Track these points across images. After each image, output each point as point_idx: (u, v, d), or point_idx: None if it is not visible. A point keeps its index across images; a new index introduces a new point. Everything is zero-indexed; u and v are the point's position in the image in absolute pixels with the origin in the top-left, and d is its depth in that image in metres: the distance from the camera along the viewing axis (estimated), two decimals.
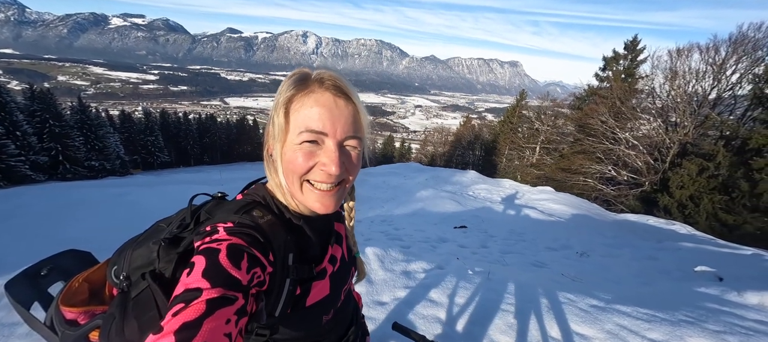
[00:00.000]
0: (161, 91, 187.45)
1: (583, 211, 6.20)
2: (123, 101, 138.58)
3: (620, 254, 3.32)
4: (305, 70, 0.53)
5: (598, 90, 17.55)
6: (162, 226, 0.59)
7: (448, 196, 7.34)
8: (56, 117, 21.77)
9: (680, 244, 3.58)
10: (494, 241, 3.90)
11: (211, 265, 0.42)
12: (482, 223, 4.88)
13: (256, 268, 0.46)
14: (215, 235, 0.47)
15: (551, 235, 4.11)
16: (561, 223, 5.02)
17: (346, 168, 0.52)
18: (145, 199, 9.33)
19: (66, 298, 0.58)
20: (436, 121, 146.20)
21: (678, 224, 5.77)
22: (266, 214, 0.54)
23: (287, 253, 0.53)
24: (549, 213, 5.75)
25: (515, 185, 9.96)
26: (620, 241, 3.87)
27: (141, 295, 0.50)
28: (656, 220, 6.05)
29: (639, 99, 14.79)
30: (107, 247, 0.78)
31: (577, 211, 6.13)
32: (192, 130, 37.11)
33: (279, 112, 0.51)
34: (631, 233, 4.40)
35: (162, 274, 0.51)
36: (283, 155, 0.52)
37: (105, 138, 25.11)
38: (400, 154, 42.74)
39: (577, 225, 4.87)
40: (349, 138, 0.52)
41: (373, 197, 8.12)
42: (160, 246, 0.52)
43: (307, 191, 0.53)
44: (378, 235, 4.00)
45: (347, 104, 0.51)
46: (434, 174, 12.50)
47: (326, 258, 0.62)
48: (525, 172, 21.09)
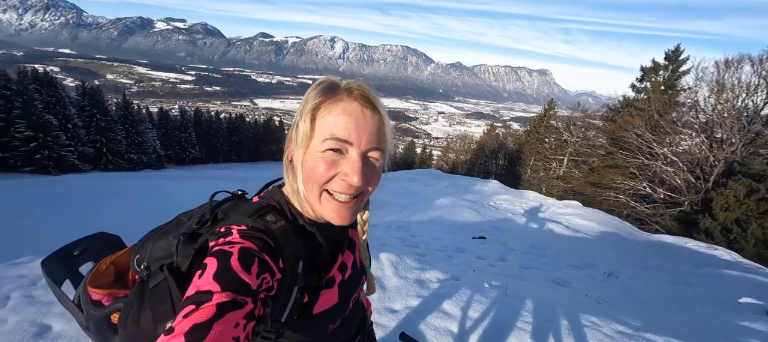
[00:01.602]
0: (197, 90, 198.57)
1: (613, 228, 5.85)
2: (162, 99, 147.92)
3: (651, 277, 3.08)
4: (333, 78, 0.54)
5: (634, 101, 16.63)
6: (183, 220, 0.60)
7: (468, 205, 7.19)
8: (103, 112, 23.61)
9: (722, 271, 3.26)
10: (513, 254, 3.76)
11: (222, 268, 0.43)
12: (502, 235, 4.73)
13: (266, 273, 0.47)
14: (229, 237, 0.48)
15: (575, 251, 3.90)
16: (587, 239, 4.76)
17: (368, 180, 0.52)
18: (175, 191, 9.93)
19: (93, 279, 0.62)
20: (459, 129, 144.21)
21: (721, 249, 5.29)
22: (280, 219, 0.54)
23: (297, 260, 0.53)
24: (575, 228, 5.47)
25: (539, 197, 9.58)
26: (652, 263, 3.59)
27: (158, 287, 0.52)
28: (696, 244, 5.59)
29: (680, 112, 13.81)
30: (134, 234, 0.83)
31: (606, 228, 5.79)
32: (222, 128, 38.90)
33: (305, 118, 0.51)
34: (665, 255, 4.08)
35: (179, 267, 0.52)
36: (305, 162, 0.52)
37: (144, 133, 26.89)
38: (421, 160, 42.45)
39: (604, 243, 4.59)
40: (373, 149, 0.52)
41: (391, 202, 8.10)
42: (179, 240, 0.53)
43: (325, 201, 0.52)
44: (394, 241, 3.98)
45: (374, 115, 0.51)
46: (454, 182, 12.30)
47: (336, 266, 0.61)
48: (551, 184, 20.25)
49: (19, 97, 18.02)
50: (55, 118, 19.82)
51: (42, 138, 18.14)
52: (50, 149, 18.54)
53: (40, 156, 18.20)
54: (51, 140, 18.56)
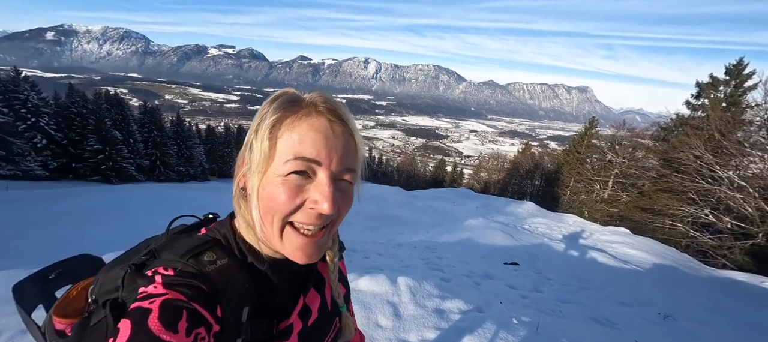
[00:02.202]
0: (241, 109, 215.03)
1: (669, 261, 5.16)
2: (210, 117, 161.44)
3: (719, 322, 2.60)
4: (294, 91, 0.47)
5: (690, 120, 15.14)
6: (150, 242, 0.53)
7: (500, 227, 6.79)
8: (159, 128, 26.20)
9: None
10: (550, 284, 3.42)
11: (137, 332, 0.35)
12: (537, 262, 4.36)
13: (199, 327, 0.39)
14: (150, 287, 0.40)
15: (624, 286, 3.45)
16: (639, 272, 4.22)
17: (339, 206, 0.44)
18: (213, 201, 10.71)
19: (61, 306, 0.55)
20: (491, 147, 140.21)
21: None
22: (222, 257, 0.45)
23: (242, 306, 0.44)
24: (622, 258, 4.90)
25: (581, 222, 8.85)
26: (721, 305, 3.05)
27: (98, 326, 0.44)
28: None
29: (747, 132, 12.26)
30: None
31: (661, 260, 5.13)
32: None
33: (262, 137, 0.43)
34: (737, 296, 3.47)
35: (124, 304, 0.44)
36: (262, 190, 0.43)
37: (192, 148, 29.32)
38: (452, 179, 41.57)
39: (660, 278, 4.04)
40: (345, 170, 0.44)
41: (418, 221, 7.91)
42: (126, 272, 0.45)
43: (289, 236, 0.44)
44: (418, 263, 3.82)
45: (344, 131, 0.44)
46: (486, 202, 11.80)
47: (296, 311, 0.52)
48: (594, 208, 18.73)
49: (93, 115, 20.62)
50: (120, 133, 22.34)
51: (108, 151, 20.47)
52: (114, 161, 20.84)
53: (105, 167, 20.50)
54: (115, 153, 20.89)
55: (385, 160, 58.04)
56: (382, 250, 4.38)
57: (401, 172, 48.34)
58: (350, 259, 3.74)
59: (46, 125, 18.87)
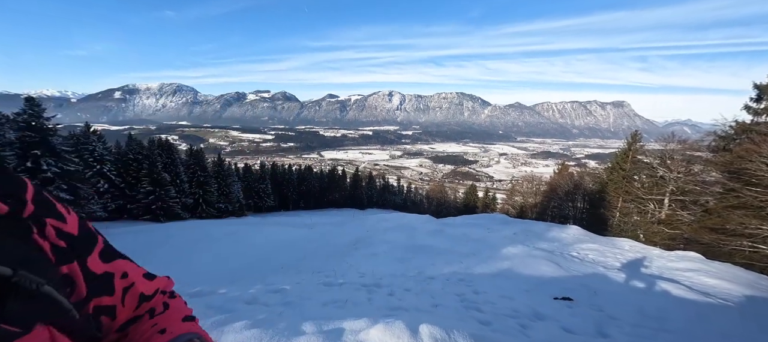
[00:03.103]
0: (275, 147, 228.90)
1: (763, 292, 4.23)
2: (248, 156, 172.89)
3: None
4: None
5: (754, 125, 13.43)
6: None
7: (544, 255, 6.11)
8: (202, 169, 28.22)
9: None
10: (617, 326, 2.83)
11: None
12: (595, 297, 3.73)
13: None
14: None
15: (716, 328, 2.77)
16: (727, 308, 3.45)
17: None
18: (247, 235, 10.97)
19: None
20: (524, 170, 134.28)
21: None
22: None
23: None
24: (702, 291, 4.08)
25: (638, 247, 7.79)
26: None
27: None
28: None
29: None
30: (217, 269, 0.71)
31: (751, 291, 4.21)
32: (293, 179, 42.84)
33: None
34: None
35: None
36: None
37: (231, 185, 31.04)
38: (484, 204, 39.84)
39: (756, 314, 3.25)
40: None
41: (452, 250, 7.38)
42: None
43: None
44: (451, 299, 3.40)
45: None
46: (525, 227, 10.92)
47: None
48: (650, 230, 16.72)
49: (147, 160, 22.77)
50: (169, 175, 24.28)
51: (158, 191, 22.22)
52: (162, 200, 22.51)
53: (155, 207, 22.17)
54: (164, 193, 22.61)
55: (414, 188, 57.41)
56: (410, 285, 4.00)
57: (431, 200, 47.33)
58: (372, 296, 3.42)
59: (108, 171, 21.08)
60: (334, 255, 7.76)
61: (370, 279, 4.40)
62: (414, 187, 59.51)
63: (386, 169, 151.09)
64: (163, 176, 23.19)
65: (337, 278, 4.62)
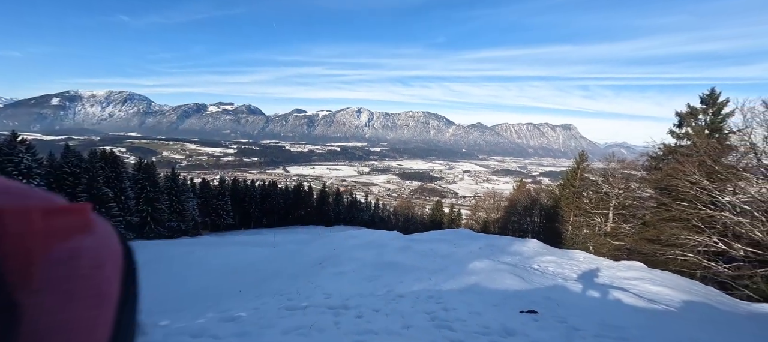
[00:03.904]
0: (237, 162, 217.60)
1: (699, 297, 4.68)
2: (206, 171, 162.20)
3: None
4: None
5: (677, 148, 15.37)
6: None
7: (508, 269, 6.28)
8: (153, 184, 25.82)
9: None
10: (581, 337, 2.92)
11: None
12: (558, 308, 3.86)
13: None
14: None
15: (669, 333, 2.97)
16: (673, 314, 3.74)
17: None
18: (202, 256, 10.02)
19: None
20: (486, 186, 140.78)
21: None
22: None
23: None
24: (649, 298, 4.42)
25: (592, 258, 8.34)
26: None
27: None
28: None
29: (737, 155, 12.35)
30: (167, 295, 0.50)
31: (689, 296, 4.64)
32: (256, 195, 40.71)
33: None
34: None
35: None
36: None
37: (185, 202, 28.68)
38: (450, 220, 40.85)
39: (698, 319, 3.56)
40: None
41: (420, 267, 7.34)
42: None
43: None
44: (421, 319, 3.31)
45: None
46: (489, 242, 11.27)
47: None
48: (598, 242, 18.16)
49: (86, 174, 20.33)
50: (112, 190, 21.86)
51: (97, 209, 19.86)
52: None
53: None
54: (104, 211, 20.20)
55: (382, 204, 57.39)
56: (380, 305, 3.85)
57: (399, 216, 47.53)
58: (339, 320, 3.21)
59: (37, 185, 18.48)
60: (298, 275, 7.34)
61: (337, 300, 4.17)
62: (382, 203, 59.50)
63: (354, 185, 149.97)
64: (105, 192, 20.85)
65: (300, 301, 4.33)
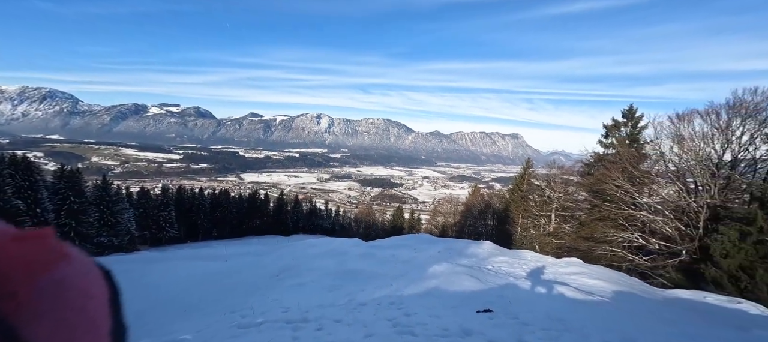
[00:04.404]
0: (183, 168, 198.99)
1: (626, 287, 5.32)
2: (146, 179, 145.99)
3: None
4: None
5: (605, 156, 17.43)
6: None
7: (465, 271, 6.55)
8: (78, 194, 22.53)
9: None
10: (531, 332, 3.13)
11: None
12: (510, 305, 4.10)
13: None
14: None
15: (602, 322, 3.32)
16: (606, 304, 4.20)
17: None
18: (139, 274, 8.96)
19: None
20: (444, 192, 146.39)
21: (746, 303, 4.81)
22: None
23: None
24: (587, 291, 4.91)
25: (537, 257, 9.05)
26: (696, 331, 3.05)
27: None
28: (717, 298, 5.09)
29: (651, 162, 14.44)
30: None
31: (618, 287, 5.26)
32: (205, 204, 37.61)
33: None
34: (698, 317, 3.56)
35: None
36: None
37: (119, 214, 25.48)
38: (410, 225, 41.64)
39: (626, 307, 4.04)
40: None
41: (381, 274, 7.34)
42: None
43: None
44: (383, 326, 3.29)
45: None
46: (447, 246, 11.67)
47: None
48: (543, 241, 19.82)
49: None
50: (24, 202, 18.64)
51: None
52: None
53: None
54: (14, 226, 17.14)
55: (343, 211, 56.61)
56: (341, 315, 3.76)
57: (360, 223, 47.25)
58: (298, 335, 3.06)
59: None
60: (253, 289, 6.88)
61: (296, 313, 3.98)
62: (342, 210, 58.69)
63: (314, 192, 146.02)
64: (15, 204, 17.73)
65: (255, 317, 4.05)
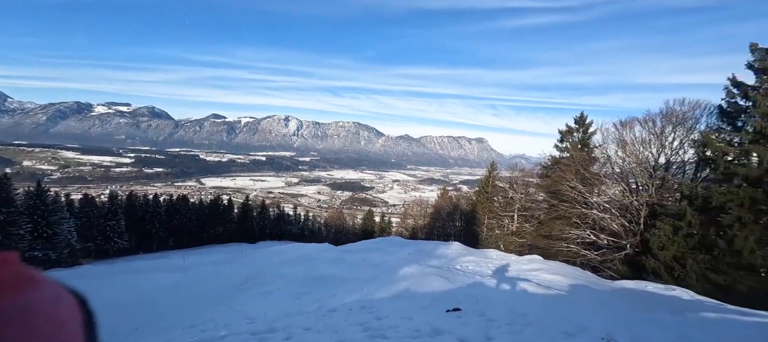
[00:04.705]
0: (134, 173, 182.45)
1: (580, 280, 5.75)
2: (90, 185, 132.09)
3: (652, 337, 2.80)
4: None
5: (560, 159, 18.74)
6: None
7: (435, 271, 6.69)
8: (6, 203, 19.81)
9: (703, 316, 3.15)
10: (497, 328, 3.26)
11: None
12: (478, 304, 4.25)
13: None
14: None
15: (560, 314, 3.55)
16: (564, 297, 4.50)
17: None
18: (91, 290, 8.01)
19: None
20: (414, 194, 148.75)
21: (678, 289, 5.41)
22: None
23: None
24: (546, 285, 5.23)
25: (502, 256, 9.48)
26: (637, 317, 3.37)
27: None
28: (656, 287, 5.67)
29: (599, 165, 15.82)
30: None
31: (574, 281, 5.67)
32: (160, 211, 34.85)
33: None
34: (640, 305, 3.95)
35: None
36: None
37: (57, 224, 22.78)
38: (381, 229, 41.71)
39: (581, 298, 4.36)
40: None
41: (352, 278, 7.27)
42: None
43: None
44: (355, 331, 3.25)
45: None
46: (417, 248, 11.84)
47: None
48: (507, 240, 20.82)
49: None
50: None
51: None
52: None
53: None
54: None
55: (312, 216, 55.32)
56: (310, 323, 3.66)
57: (330, 227, 46.45)
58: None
59: None
60: (216, 301, 6.47)
61: (263, 324, 3.80)
62: (312, 214, 57.35)
63: (282, 197, 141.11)
64: None
65: (218, 330, 3.81)
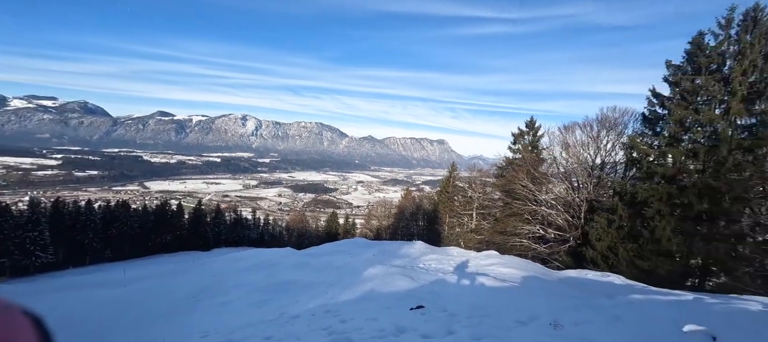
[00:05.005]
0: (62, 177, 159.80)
1: (531, 272, 6.21)
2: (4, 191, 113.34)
3: (592, 320, 3.11)
4: None
5: (513, 160, 20.14)
6: None
7: (399, 271, 6.78)
8: None
9: (632, 298, 3.60)
10: (458, 321, 3.41)
11: None
12: (440, 300, 4.40)
13: None
14: None
15: (514, 305, 3.81)
16: (517, 288, 4.83)
17: None
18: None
19: None
20: (378, 195, 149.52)
21: (613, 276, 6.10)
22: None
23: None
24: (502, 278, 5.57)
25: (462, 252, 9.91)
26: (579, 302, 3.74)
27: None
28: (594, 274, 6.33)
29: (547, 165, 17.32)
30: None
31: (526, 273, 6.11)
32: (95, 220, 30.96)
33: None
34: (581, 290, 4.38)
35: None
36: None
37: None
38: (345, 230, 41.30)
39: (532, 289, 4.72)
40: None
41: (316, 282, 7.10)
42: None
43: None
44: (318, 336, 3.18)
45: None
46: (382, 248, 11.91)
47: None
48: (467, 238, 21.82)
49: None
50: None
51: None
52: None
53: None
54: None
55: (273, 220, 53.01)
56: (271, 332, 3.50)
57: (292, 231, 44.90)
58: None
59: None
60: (164, 315, 5.91)
61: (219, 337, 3.56)
62: (272, 218, 54.95)
63: (239, 200, 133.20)
64: None
65: None
